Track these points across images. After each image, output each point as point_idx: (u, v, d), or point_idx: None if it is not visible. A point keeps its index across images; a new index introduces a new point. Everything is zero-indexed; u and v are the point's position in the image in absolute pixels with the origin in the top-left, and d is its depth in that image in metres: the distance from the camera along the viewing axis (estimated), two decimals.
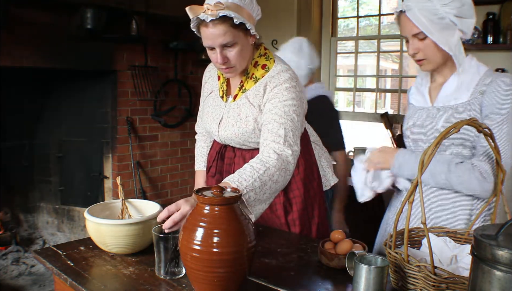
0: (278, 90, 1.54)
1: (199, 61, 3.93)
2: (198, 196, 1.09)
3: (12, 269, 3.03)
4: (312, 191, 1.74)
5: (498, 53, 3.41)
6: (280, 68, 1.59)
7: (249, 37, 1.54)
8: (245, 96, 1.62)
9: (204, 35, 1.51)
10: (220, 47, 1.50)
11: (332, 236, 1.40)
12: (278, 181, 1.41)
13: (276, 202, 1.72)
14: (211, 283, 1.08)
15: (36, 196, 3.63)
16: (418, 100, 1.58)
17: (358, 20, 4.36)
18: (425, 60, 1.47)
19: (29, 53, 2.86)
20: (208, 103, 1.75)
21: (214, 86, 1.77)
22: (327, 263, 1.32)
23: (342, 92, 4.76)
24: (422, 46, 1.44)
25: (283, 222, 1.71)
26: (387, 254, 1.10)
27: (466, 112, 1.42)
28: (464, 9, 1.40)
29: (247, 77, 1.62)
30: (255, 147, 1.63)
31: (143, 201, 1.64)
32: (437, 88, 1.53)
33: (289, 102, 1.53)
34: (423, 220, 0.98)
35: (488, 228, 0.83)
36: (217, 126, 1.67)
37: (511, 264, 0.74)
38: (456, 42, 1.42)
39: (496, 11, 3.36)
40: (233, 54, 1.51)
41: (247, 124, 1.59)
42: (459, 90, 1.45)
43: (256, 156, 1.47)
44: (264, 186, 1.37)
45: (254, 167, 1.38)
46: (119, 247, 1.39)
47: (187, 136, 4.11)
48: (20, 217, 3.54)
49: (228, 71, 1.58)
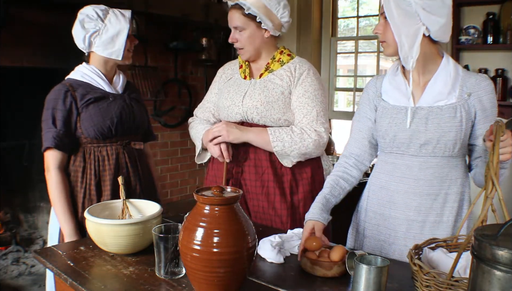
0: (307, 75, 1.78)
1: (199, 61, 3.93)
2: (198, 196, 1.09)
3: (12, 269, 3.03)
4: (317, 177, 1.83)
5: (498, 53, 3.41)
6: (304, 60, 1.84)
7: (263, 30, 1.77)
8: (272, 74, 1.81)
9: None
10: (233, 28, 1.78)
11: (308, 245, 1.35)
12: (308, 146, 1.71)
13: (279, 205, 1.74)
14: (211, 283, 1.08)
15: (36, 196, 3.62)
16: (397, 99, 1.50)
17: (358, 20, 4.36)
18: (385, 42, 1.45)
19: (29, 53, 2.86)
20: (229, 85, 1.88)
21: (234, 72, 1.92)
22: (325, 274, 1.26)
23: (342, 92, 4.75)
24: (383, 28, 1.43)
25: (285, 214, 1.75)
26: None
27: (458, 114, 1.40)
28: (433, 5, 1.36)
29: (273, 60, 1.83)
30: (272, 124, 1.76)
31: (143, 201, 1.63)
32: (418, 87, 1.48)
33: (318, 86, 1.78)
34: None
35: (488, 228, 0.83)
36: (241, 99, 1.79)
37: (511, 264, 0.74)
38: (413, 34, 1.38)
39: (496, 11, 3.36)
40: (241, 37, 1.77)
41: (273, 94, 1.76)
42: (446, 91, 1.43)
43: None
44: (294, 144, 1.69)
45: (293, 128, 1.73)
46: (119, 247, 1.39)
47: (187, 136, 4.08)
48: (20, 217, 3.54)
49: (239, 52, 1.83)
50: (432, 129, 1.42)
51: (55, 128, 1.72)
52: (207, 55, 3.84)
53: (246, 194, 1.81)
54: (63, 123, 1.73)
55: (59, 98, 1.74)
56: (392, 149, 1.51)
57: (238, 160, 1.80)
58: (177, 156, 4.07)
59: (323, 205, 1.49)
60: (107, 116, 1.76)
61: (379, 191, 1.56)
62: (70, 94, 1.75)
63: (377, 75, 1.63)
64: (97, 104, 1.76)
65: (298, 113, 1.76)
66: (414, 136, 1.44)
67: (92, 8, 1.78)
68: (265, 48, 1.82)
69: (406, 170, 1.48)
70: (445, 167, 1.45)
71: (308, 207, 1.74)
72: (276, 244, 1.41)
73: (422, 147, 1.44)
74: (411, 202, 1.47)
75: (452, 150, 1.43)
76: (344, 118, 4.46)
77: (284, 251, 1.43)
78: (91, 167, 1.75)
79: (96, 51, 1.82)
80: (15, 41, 2.77)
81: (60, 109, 1.73)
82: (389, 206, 1.52)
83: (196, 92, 4.07)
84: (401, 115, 1.47)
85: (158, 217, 1.46)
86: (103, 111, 1.76)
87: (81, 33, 1.79)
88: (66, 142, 1.74)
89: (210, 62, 3.92)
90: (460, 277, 0.99)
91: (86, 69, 1.83)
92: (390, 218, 1.52)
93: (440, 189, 1.45)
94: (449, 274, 0.97)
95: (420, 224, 1.47)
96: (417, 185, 1.46)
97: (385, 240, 1.53)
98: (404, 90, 1.49)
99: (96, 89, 1.81)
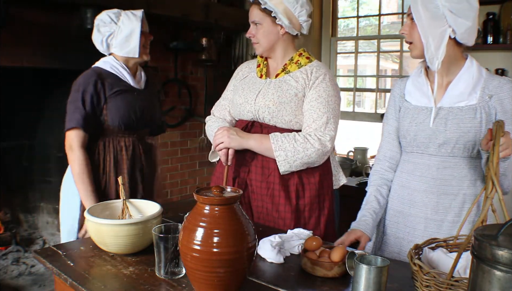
0: (322, 80, 1.75)
1: (199, 61, 3.92)
2: (198, 196, 1.09)
3: (12, 269, 3.03)
4: (325, 183, 1.82)
5: (498, 53, 3.41)
6: (322, 64, 1.83)
7: (278, 26, 1.77)
8: (288, 75, 1.80)
9: None
10: (252, 23, 1.81)
11: (308, 245, 1.35)
12: (311, 156, 1.68)
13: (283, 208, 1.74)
14: (211, 283, 1.08)
15: (36, 196, 3.62)
16: (418, 99, 1.54)
17: (358, 20, 4.36)
18: (412, 44, 1.47)
19: (29, 53, 2.86)
20: (244, 83, 1.89)
21: (251, 70, 1.93)
22: (325, 274, 1.27)
23: (342, 92, 4.75)
24: (409, 29, 1.45)
25: (289, 217, 1.74)
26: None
27: (478, 115, 1.42)
28: (460, 8, 1.38)
29: (291, 61, 1.82)
30: (283, 125, 1.75)
31: (143, 201, 1.63)
32: (440, 88, 1.50)
33: (332, 92, 1.75)
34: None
35: (488, 228, 0.83)
36: (254, 97, 1.79)
37: (511, 264, 0.74)
38: (440, 35, 1.39)
39: (496, 11, 3.36)
40: (257, 32, 1.79)
41: (287, 95, 1.75)
42: (467, 92, 1.44)
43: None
44: (296, 154, 1.67)
45: (296, 136, 1.70)
46: (119, 247, 1.38)
47: (187, 136, 4.11)
48: (20, 217, 3.54)
49: (254, 46, 1.85)
50: (451, 130, 1.44)
51: (84, 109, 1.85)
52: (207, 55, 3.84)
53: (251, 194, 1.80)
54: (91, 106, 1.86)
55: (90, 82, 1.87)
56: (413, 148, 1.54)
57: (245, 159, 1.80)
58: (177, 155, 4.07)
59: (374, 221, 1.58)
60: (132, 109, 1.91)
61: (400, 190, 1.59)
62: (100, 81, 1.88)
63: (403, 77, 1.67)
64: (124, 96, 1.91)
65: (308, 117, 1.73)
66: (433, 136, 1.47)
67: (105, 13, 1.94)
68: (280, 45, 1.81)
69: (425, 169, 1.51)
70: (464, 167, 1.47)
71: (314, 212, 1.74)
72: (276, 244, 1.41)
73: (441, 147, 1.47)
74: (430, 201, 1.50)
75: (471, 150, 1.44)
76: (344, 118, 4.46)
77: (284, 251, 1.43)
78: (110, 155, 1.90)
79: (115, 52, 1.97)
80: (15, 41, 2.77)
81: (90, 93, 1.85)
82: (409, 204, 1.55)
83: (196, 92, 4.07)
84: (422, 115, 1.50)
85: (158, 217, 1.46)
86: (129, 104, 1.91)
87: (98, 37, 1.95)
88: (92, 124, 1.87)
89: (210, 62, 3.92)
90: (460, 277, 0.99)
91: (114, 62, 1.96)
92: (410, 216, 1.55)
93: (459, 189, 1.47)
94: (449, 274, 0.97)
95: (438, 223, 1.49)
96: (436, 184, 1.48)
97: (404, 238, 1.56)
98: (426, 91, 1.52)
99: (123, 82, 1.95)
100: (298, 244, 1.44)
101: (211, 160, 1.99)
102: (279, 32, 1.78)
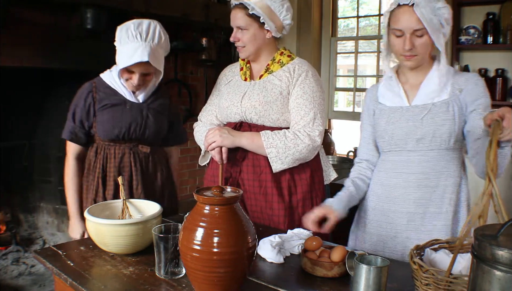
0: (305, 76, 1.77)
1: (199, 61, 3.92)
2: (198, 196, 1.09)
3: (12, 269, 3.03)
4: (317, 178, 1.84)
5: (498, 53, 3.41)
6: (304, 61, 1.84)
7: (265, 30, 1.77)
8: (271, 75, 1.81)
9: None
10: (236, 27, 1.79)
11: (308, 245, 1.35)
12: (302, 152, 1.71)
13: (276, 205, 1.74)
14: (211, 283, 1.08)
15: (36, 196, 3.62)
16: (392, 100, 1.61)
17: (358, 20, 4.36)
18: (416, 56, 1.52)
19: (29, 53, 2.86)
20: (229, 87, 1.89)
21: (235, 74, 1.93)
22: (325, 274, 1.26)
23: (342, 92, 4.76)
24: (418, 43, 1.49)
25: (282, 214, 1.75)
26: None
27: (450, 108, 1.50)
28: (449, 17, 1.49)
29: (273, 61, 1.83)
30: (271, 124, 1.77)
31: (143, 201, 1.64)
32: (413, 87, 1.58)
33: (316, 88, 1.77)
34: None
35: (488, 228, 0.83)
36: (240, 99, 1.81)
37: (511, 264, 0.74)
38: (443, 43, 1.50)
39: (496, 11, 3.36)
40: (243, 37, 1.78)
41: (272, 95, 1.76)
42: (439, 89, 1.53)
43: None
44: (287, 150, 1.69)
45: (286, 133, 1.72)
46: (119, 247, 1.39)
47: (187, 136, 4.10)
48: (20, 217, 3.54)
49: (239, 50, 1.83)
50: (427, 124, 1.51)
51: (73, 123, 1.92)
52: (207, 55, 3.84)
53: (244, 194, 1.81)
54: (80, 120, 1.91)
55: (82, 97, 1.91)
56: (391, 146, 1.59)
57: (236, 159, 1.81)
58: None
59: (348, 198, 1.63)
60: (116, 125, 1.88)
61: (379, 188, 1.63)
62: (92, 95, 1.90)
63: (372, 84, 1.77)
64: (111, 110, 1.89)
65: (296, 114, 1.76)
66: (410, 132, 1.53)
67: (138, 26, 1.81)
68: (265, 49, 1.83)
69: (405, 165, 1.56)
70: (442, 159, 1.53)
71: (307, 207, 1.75)
72: (276, 244, 1.41)
73: (419, 141, 1.53)
74: (411, 195, 1.55)
75: (448, 142, 1.51)
76: (344, 118, 4.47)
77: (284, 251, 1.43)
78: (100, 162, 1.91)
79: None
80: (15, 41, 2.77)
81: (80, 108, 1.90)
82: (388, 201, 1.59)
83: (196, 92, 4.07)
84: (397, 114, 1.58)
85: (158, 217, 1.46)
86: (115, 119, 1.89)
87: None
88: (81, 136, 1.93)
89: (210, 62, 3.92)
90: (458, 274, 0.99)
91: (115, 73, 1.92)
92: (390, 212, 1.59)
93: (438, 181, 1.53)
94: (447, 271, 0.97)
95: (420, 215, 1.54)
96: (417, 178, 1.54)
97: (387, 235, 1.59)
98: (398, 91, 1.60)
99: (118, 95, 1.92)
100: (298, 244, 1.44)
101: (201, 163, 2.02)
102: (266, 36, 1.79)
